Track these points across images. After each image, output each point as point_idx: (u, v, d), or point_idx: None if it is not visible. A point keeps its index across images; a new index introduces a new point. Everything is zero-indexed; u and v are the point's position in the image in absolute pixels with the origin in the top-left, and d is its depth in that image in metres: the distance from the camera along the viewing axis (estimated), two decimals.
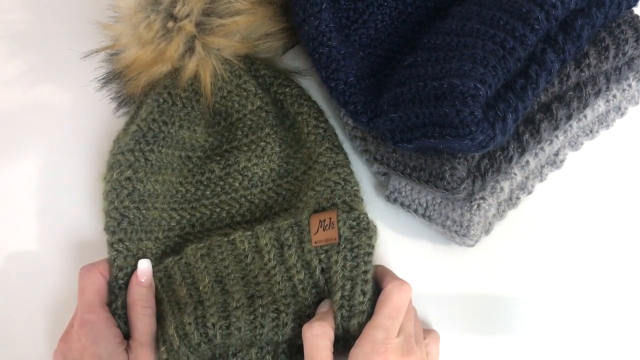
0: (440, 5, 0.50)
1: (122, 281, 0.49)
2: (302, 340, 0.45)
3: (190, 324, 0.46)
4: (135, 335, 0.47)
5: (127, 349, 0.46)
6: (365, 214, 0.48)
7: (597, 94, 0.48)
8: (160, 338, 0.47)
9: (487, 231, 0.50)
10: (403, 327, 0.44)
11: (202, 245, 0.49)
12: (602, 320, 0.50)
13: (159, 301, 0.49)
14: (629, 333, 0.50)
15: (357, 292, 0.45)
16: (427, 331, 0.48)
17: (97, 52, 0.51)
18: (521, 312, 0.50)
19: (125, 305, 0.48)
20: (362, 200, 0.50)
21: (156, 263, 0.50)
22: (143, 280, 0.48)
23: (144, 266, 0.49)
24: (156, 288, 0.49)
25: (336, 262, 0.46)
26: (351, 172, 0.51)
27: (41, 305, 0.53)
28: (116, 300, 0.48)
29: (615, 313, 0.50)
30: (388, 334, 0.43)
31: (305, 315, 0.47)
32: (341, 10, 0.50)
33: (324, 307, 0.47)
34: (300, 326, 0.45)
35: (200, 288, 0.48)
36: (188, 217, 0.52)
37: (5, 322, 0.54)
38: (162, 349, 0.46)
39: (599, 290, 0.50)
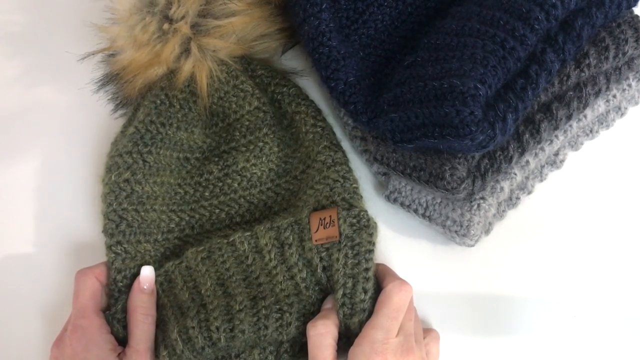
0: (440, 5, 0.50)
1: (121, 284, 0.49)
2: (307, 339, 0.45)
3: (193, 327, 0.46)
4: (132, 343, 0.46)
5: (122, 355, 0.46)
6: (365, 211, 0.48)
7: (597, 94, 0.48)
8: (161, 343, 0.47)
9: (487, 231, 0.50)
10: (403, 326, 0.44)
11: (202, 248, 0.49)
12: (602, 320, 0.50)
13: (160, 306, 0.49)
14: (629, 333, 0.50)
15: (359, 289, 0.45)
16: (427, 330, 0.49)
17: (93, 54, 0.51)
18: (521, 312, 0.50)
19: (124, 310, 0.48)
20: (361, 197, 0.50)
21: (156, 266, 0.49)
22: (145, 287, 0.48)
23: (147, 273, 0.48)
24: (157, 293, 0.49)
25: (337, 260, 0.46)
26: (350, 170, 0.51)
27: (38, 308, 0.53)
28: (115, 304, 0.48)
29: (615, 313, 0.50)
30: (387, 334, 0.43)
31: (310, 313, 0.47)
32: (341, 10, 0.50)
33: (328, 303, 0.47)
34: (305, 324, 0.46)
35: (203, 291, 0.48)
36: (187, 218, 0.52)
37: (1, 325, 0.53)
38: (164, 353, 0.46)
39: (599, 290, 0.51)
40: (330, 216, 0.47)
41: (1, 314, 0.54)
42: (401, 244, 0.52)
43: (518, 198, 0.51)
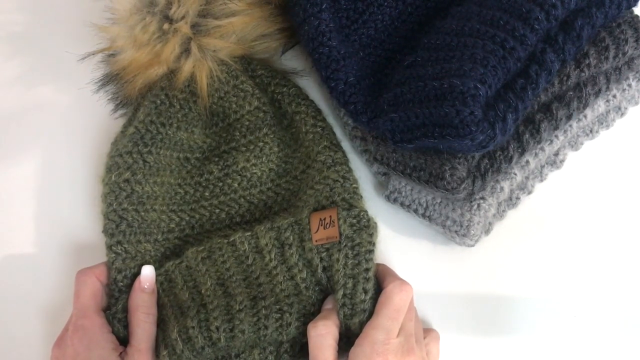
0: (440, 5, 0.50)
1: (121, 284, 0.49)
2: (307, 339, 0.45)
3: (193, 327, 0.46)
4: (133, 342, 0.46)
5: (123, 354, 0.46)
6: (366, 211, 0.48)
7: (597, 94, 0.48)
8: (161, 342, 0.47)
9: (487, 231, 0.50)
10: (403, 326, 0.44)
11: (202, 248, 0.49)
12: (602, 320, 0.50)
13: (160, 305, 0.49)
14: (629, 333, 0.50)
15: (359, 290, 0.45)
16: (427, 330, 0.49)
17: (93, 54, 0.51)
18: (521, 312, 0.50)
19: (125, 309, 0.48)
20: (361, 197, 0.50)
21: (156, 266, 0.49)
22: (146, 286, 0.48)
23: (147, 272, 0.48)
24: (157, 293, 0.49)
25: (337, 260, 0.46)
26: (350, 170, 0.51)
27: (39, 308, 0.53)
28: (116, 304, 0.48)
29: (615, 313, 0.50)
30: (388, 335, 0.43)
31: (310, 313, 0.47)
32: (341, 10, 0.50)
33: (328, 304, 0.47)
34: (305, 324, 0.46)
35: (203, 291, 0.48)
36: (187, 218, 0.52)
37: (2, 326, 0.53)
38: (164, 353, 0.46)
39: (599, 290, 0.51)
40: (331, 216, 0.47)
41: (1, 314, 0.54)
42: (401, 244, 0.52)
43: (518, 198, 0.51)
